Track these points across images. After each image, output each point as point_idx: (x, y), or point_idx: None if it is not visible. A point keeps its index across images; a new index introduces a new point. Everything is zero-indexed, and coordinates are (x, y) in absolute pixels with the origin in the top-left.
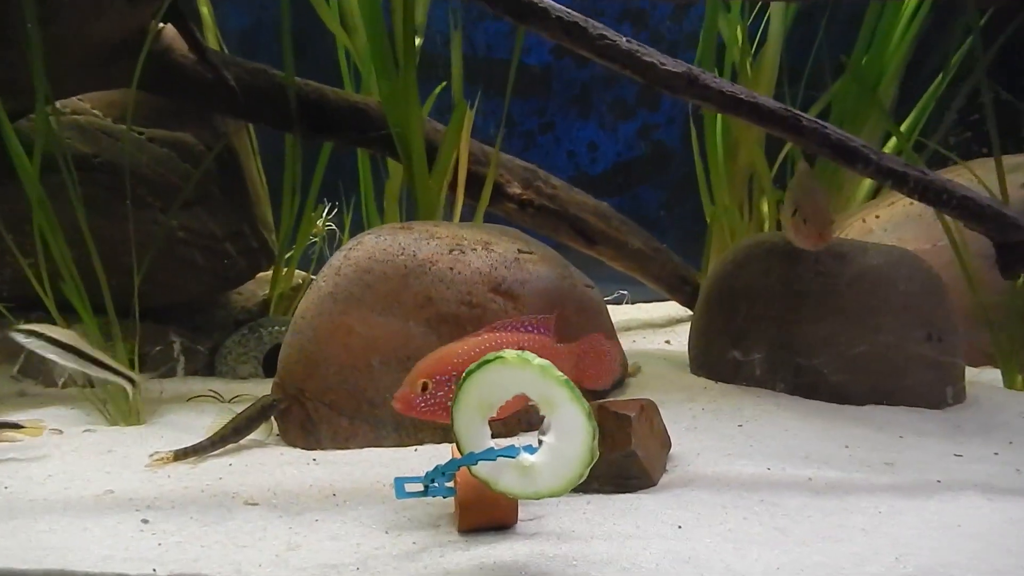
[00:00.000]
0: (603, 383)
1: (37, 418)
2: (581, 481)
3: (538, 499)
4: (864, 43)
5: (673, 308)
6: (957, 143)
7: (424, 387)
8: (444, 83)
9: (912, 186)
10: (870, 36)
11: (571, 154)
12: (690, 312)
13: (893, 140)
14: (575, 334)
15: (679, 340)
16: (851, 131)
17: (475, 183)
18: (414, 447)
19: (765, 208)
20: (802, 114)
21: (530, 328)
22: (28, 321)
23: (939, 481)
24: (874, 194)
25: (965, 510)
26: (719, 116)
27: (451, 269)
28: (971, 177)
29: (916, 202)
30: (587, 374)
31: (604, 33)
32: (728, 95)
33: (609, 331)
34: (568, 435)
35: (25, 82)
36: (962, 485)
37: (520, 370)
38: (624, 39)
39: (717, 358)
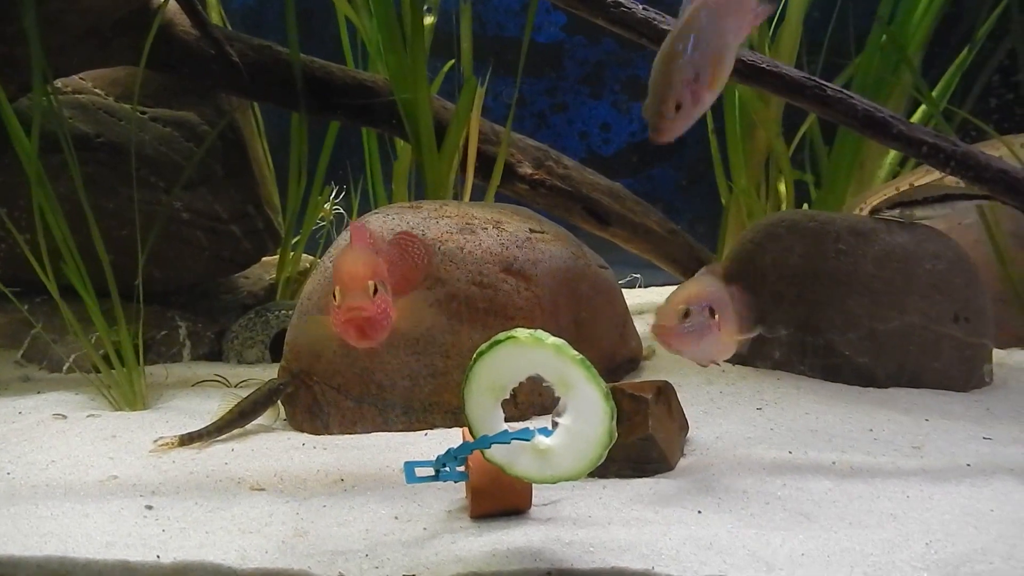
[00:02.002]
0: (413, 280)
1: (41, 403)
2: (599, 464)
3: (555, 483)
4: (887, 12)
5: None
6: (998, 105)
7: None
8: (453, 60)
9: (944, 158)
10: (892, 5)
11: (583, 135)
12: None
13: (919, 112)
14: (591, 315)
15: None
16: (875, 102)
17: (485, 163)
18: (424, 431)
19: (783, 188)
20: (827, 83)
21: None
22: (32, 305)
23: (969, 465)
24: (895, 173)
25: (997, 495)
26: (736, 95)
27: (461, 249)
28: (1007, 153)
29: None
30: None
31: (620, 0)
32: (749, 64)
33: (624, 312)
34: (585, 416)
35: (25, 58)
36: (993, 469)
37: (533, 349)
38: (640, 6)
39: None
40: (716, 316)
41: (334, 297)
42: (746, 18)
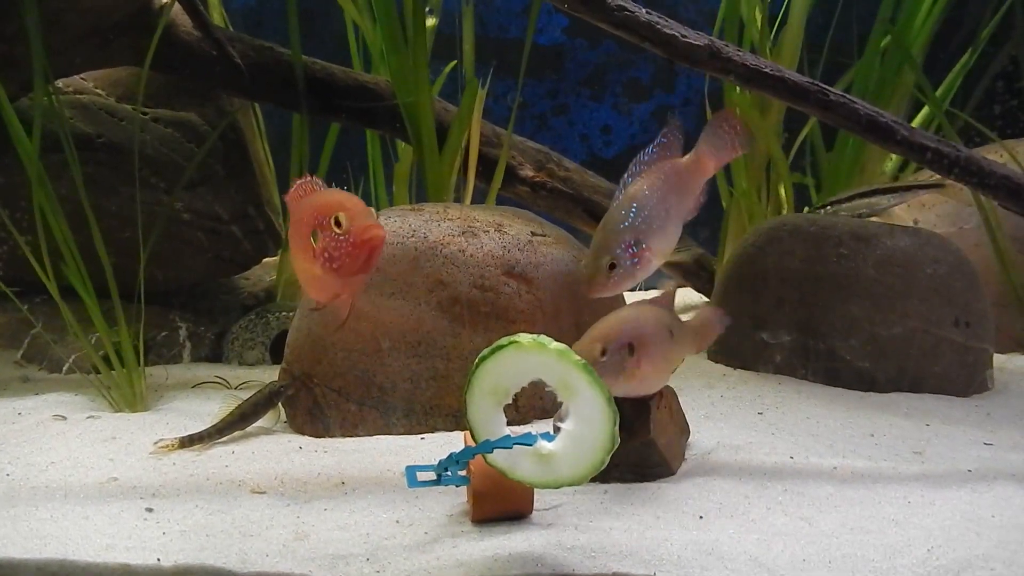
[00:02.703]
0: None
1: (41, 404)
2: (601, 469)
3: (557, 488)
4: (889, 15)
5: (689, 294)
6: (1002, 111)
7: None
8: (454, 62)
9: (948, 163)
10: (893, 7)
11: (584, 137)
12: (705, 298)
13: (920, 116)
14: (593, 319)
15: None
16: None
17: (487, 165)
18: (424, 435)
19: (783, 192)
20: (829, 88)
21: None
22: (32, 306)
23: (970, 470)
24: (895, 177)
25: (999, 500)
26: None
27: (462, 251)
28: (1006, 157)
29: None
30: None
31: (623, 4)
32: (752, 68)
33: None
34: (588, 421)
35: (26, 58)
36: (995, 475)
37: (536, 354)
38: (644, 10)
39: (738, 343)
40: (635, 353)
41: (330, 228)
42: (691, 198)
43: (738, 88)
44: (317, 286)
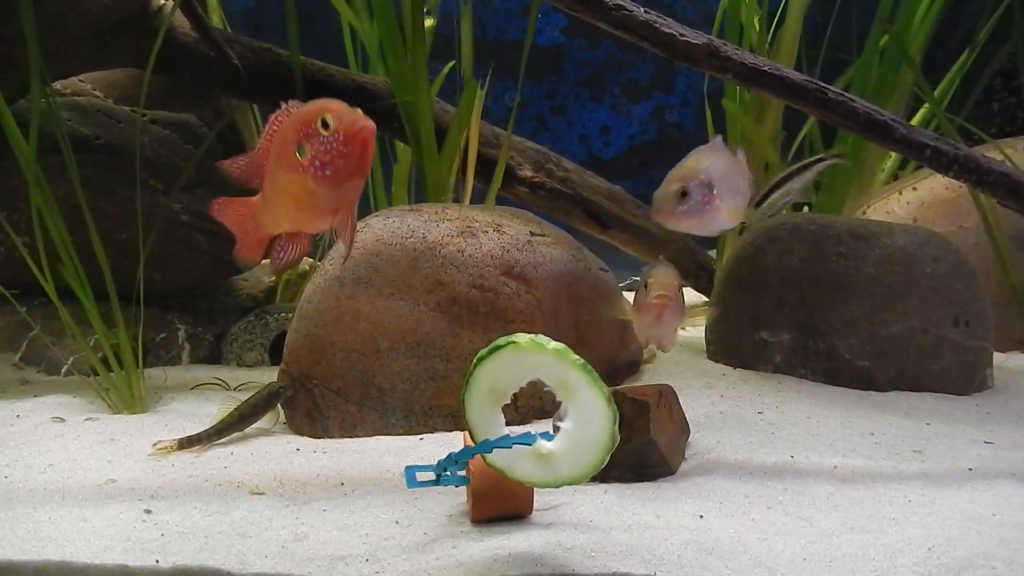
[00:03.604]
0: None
1: (39, 406)
2: (601, 468)
3: (556, 487)
4: (887, 14)
5: (688, 294)
6: (1001, 109)
7: None
8: (453, 62)
9: (947, 161)
10: (892, 6)
11: (583, 137)
12: (705, 298)
13: (919, 115)
14: (592, 318)
15: (695, 326)
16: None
17: (486, 166)
18: (423, 435)
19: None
20: (828, 87)
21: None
22: (30, 308)
23: (971, 469)
24: (895, 176)
25: (999, 499)
26: (737, 95)
27: (461, 252)
28: (1000, 155)
29: (938, 184)
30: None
31: (621, 3)
32: (751, 67)
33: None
34: (587, 420)
35: (24, 59)
36: (995, 473)
37: (534, 354)
38: (642, 9)
39: (738, 343)
40: (715, 191)
41: (317, 133)
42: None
43: (738, 89)
44: (310, 212)
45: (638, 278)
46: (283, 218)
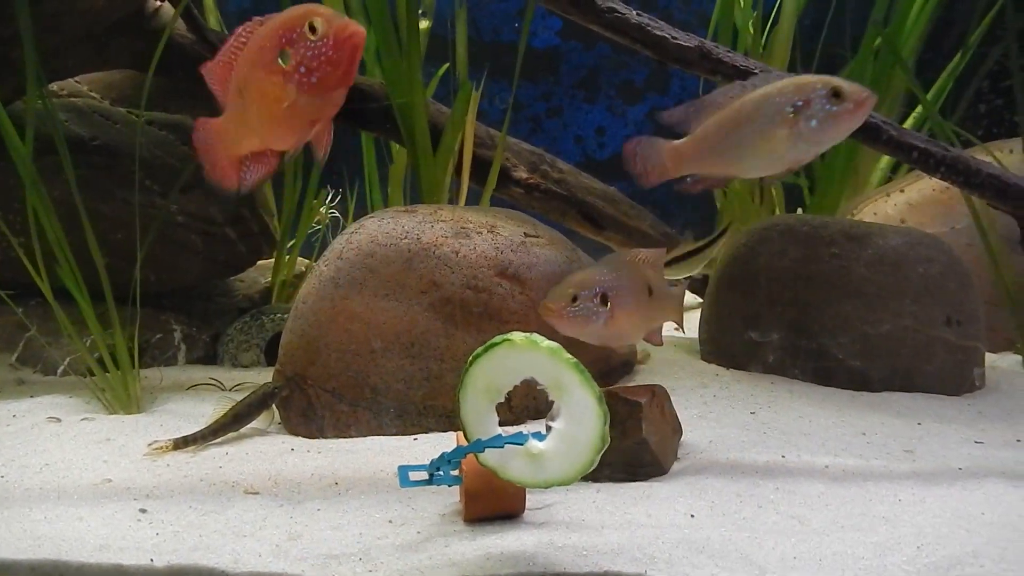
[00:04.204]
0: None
1: (36, 406)
2: (592, 468)
3: (547, 487)
4: (880, 16)
5: (688, 297)
6: (988, 111)
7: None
8: (448, 64)
9: (935, 163)
10: (886, 8)
11: (578, 139)
12: (699, 299)
13: (911, 118)
14: None
15: (689, 326)
16: None
17: (481, 167)
18: (417, 435)
19: (774, 192)
20: None
21: None
22: (26, 308)
23: (961, 468)
24: (888, 178)
25: (989, 498)
26: None
27: (456, 252)
28: (988, 158)
29: (929, 185)
30: None
31: (613, 6)
32: (742, 69)
33: None
34: (578, 420)
35: (20, 60)
36: (985, 472)
37: (528, 352)
38: (634, 12)
39: (730, 343)
40: (608, 303)
41: (304, 38)
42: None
43: None
44: (286, 124)
45: None
46: (254, 133)
